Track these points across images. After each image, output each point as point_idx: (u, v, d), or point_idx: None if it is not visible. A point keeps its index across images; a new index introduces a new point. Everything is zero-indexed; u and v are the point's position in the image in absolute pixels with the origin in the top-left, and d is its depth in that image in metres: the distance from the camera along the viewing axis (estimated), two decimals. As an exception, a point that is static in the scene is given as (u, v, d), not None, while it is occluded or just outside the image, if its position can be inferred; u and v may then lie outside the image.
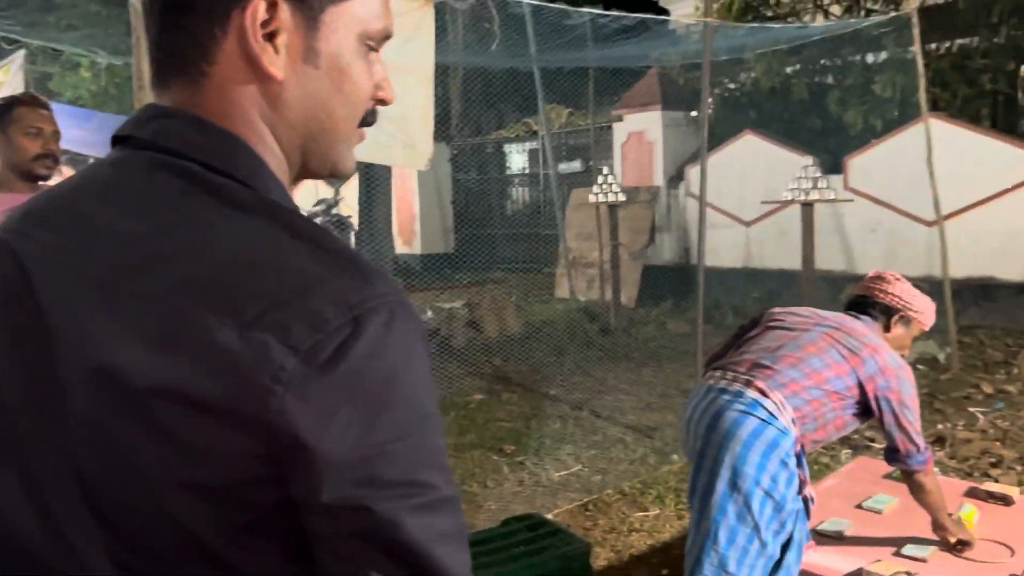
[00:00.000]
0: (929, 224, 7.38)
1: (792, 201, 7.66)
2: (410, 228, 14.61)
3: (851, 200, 8.62)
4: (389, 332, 0.63)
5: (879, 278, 2.75)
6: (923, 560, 2.50)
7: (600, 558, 3.64)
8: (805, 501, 2.44)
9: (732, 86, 11.52)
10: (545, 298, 10.51)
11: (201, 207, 0.68)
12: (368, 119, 0.79)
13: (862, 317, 2.67)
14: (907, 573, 2.41)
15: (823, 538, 2.69)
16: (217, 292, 0.62)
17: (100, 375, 0.64)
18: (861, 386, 2.46)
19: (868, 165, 9.28)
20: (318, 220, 6.23)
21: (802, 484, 2.42)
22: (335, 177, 0.82)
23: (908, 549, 2.56)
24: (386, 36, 0.78)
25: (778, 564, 2.38)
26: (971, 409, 5.67)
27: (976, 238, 8.23)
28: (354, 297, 0.62)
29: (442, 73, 12.77)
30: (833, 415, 2.48)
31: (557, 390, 6.65)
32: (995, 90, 9.32)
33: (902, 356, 2.64)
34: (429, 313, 8.37)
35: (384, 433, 0.62)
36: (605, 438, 5.43)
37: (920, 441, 2.48)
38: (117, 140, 0.75)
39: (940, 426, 5.31)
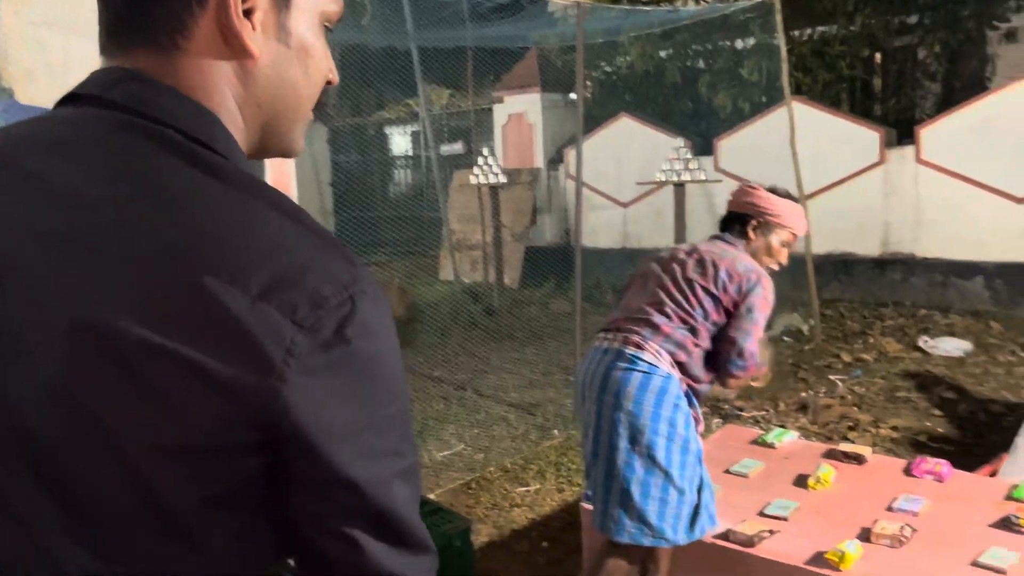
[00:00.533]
0: (793, 203, 7.74)
1: (666, 182, 7.89)
2: (288, 211, 14.21)
3: (720, 181, 8.92)
4: (376, 311, 0.66)
5: (738, 191, 2.73)
6: (784, 519, 2.63)
7: (482, 534, 3.67)
8: None
9: (608, 69, 11.73)
10: (429, 280, 10.46)
11: (177, 172, 0.66)
12: (322, 99, 0.83)
13: (724, 235, 2.68)
14: (770, 531, 2.53)
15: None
16: (213, 259, 0.61)
17: (80, 329, 0.60)
18: (720, 304, 2.48)
19: (737, 146, 9.64)
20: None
21: (696, 422, 2.48)
22: (286, 157, 0.82)
23: (771, 509, 2.69)
24: (339, 18, 0.81)
25: (696, 507, 2.42)
26: (832, 377, 6.02)
27: (836, 216, 8.69)
28: (345, 277, 0.65)
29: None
30: (708, 349, 2.50)
31: (441, 371, 6.65)
32: (852, 75, 9.85)
33: (776, 265, 2.66)
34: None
35: (375, 405, 0.66)
36: (488, 416, 5.47)
37: (747, 346, 2.42)
38: (67, 99, 0.72)
39: (803, 393, 5.60)
